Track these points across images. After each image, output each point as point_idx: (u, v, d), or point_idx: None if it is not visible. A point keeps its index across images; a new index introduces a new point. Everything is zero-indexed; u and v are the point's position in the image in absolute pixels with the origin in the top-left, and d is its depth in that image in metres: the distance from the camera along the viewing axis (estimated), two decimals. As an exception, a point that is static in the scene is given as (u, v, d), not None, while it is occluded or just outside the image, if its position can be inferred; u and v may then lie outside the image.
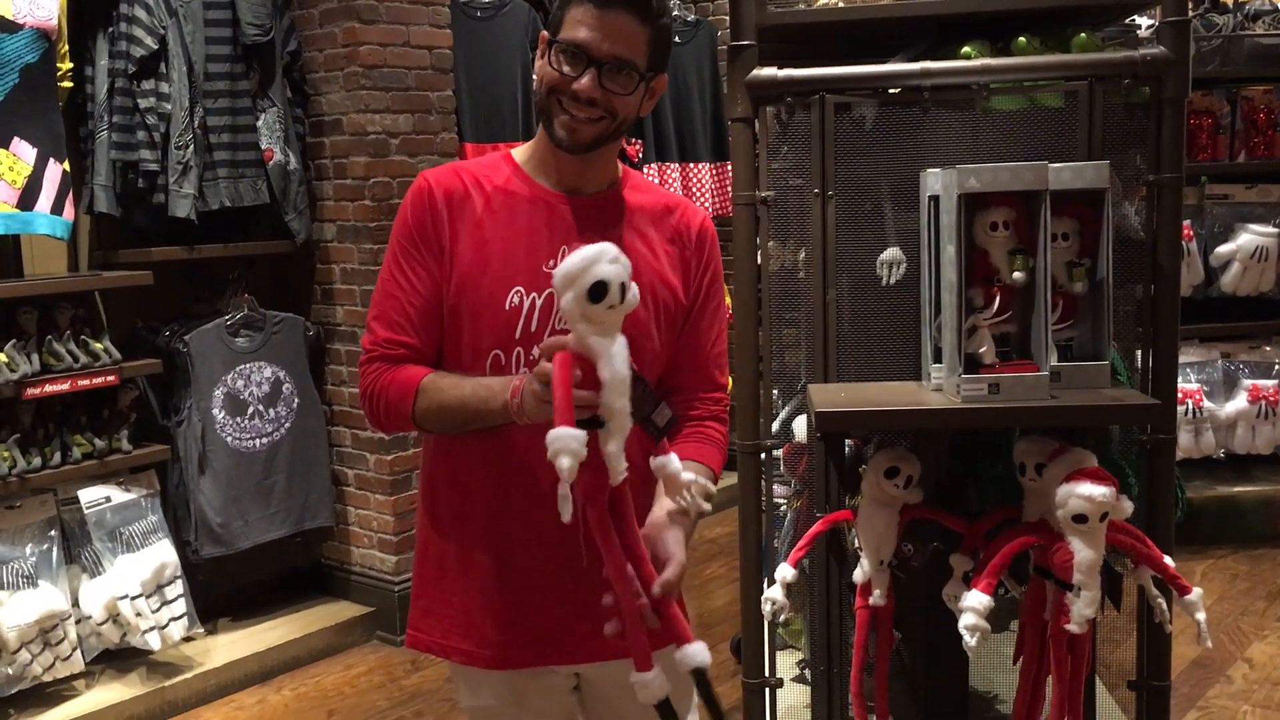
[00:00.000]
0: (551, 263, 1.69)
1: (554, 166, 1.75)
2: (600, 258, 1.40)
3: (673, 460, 1.49)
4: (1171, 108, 2.41)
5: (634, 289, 1.44)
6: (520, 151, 1.80)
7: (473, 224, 1.72)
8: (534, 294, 1.69)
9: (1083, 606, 2.14)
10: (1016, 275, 2.25)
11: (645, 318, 1.70)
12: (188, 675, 3.75)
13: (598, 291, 1.38)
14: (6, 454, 3.43)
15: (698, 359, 1.77)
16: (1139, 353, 2.57)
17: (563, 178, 1.75)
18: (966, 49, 2.58)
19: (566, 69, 1.63)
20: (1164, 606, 2.32)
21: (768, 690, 2.71)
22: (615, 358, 1.41)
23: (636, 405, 1.45)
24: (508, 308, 1.69)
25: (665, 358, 1.77)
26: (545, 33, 1.69)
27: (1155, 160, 2.44)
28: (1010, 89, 2.52)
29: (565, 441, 1.35)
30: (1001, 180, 2.19)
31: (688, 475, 1.50)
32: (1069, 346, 2.40)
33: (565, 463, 1.33)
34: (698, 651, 1.49)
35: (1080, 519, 2.10)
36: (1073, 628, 2.16)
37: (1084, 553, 2.13)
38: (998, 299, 2.27)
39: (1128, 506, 2.16)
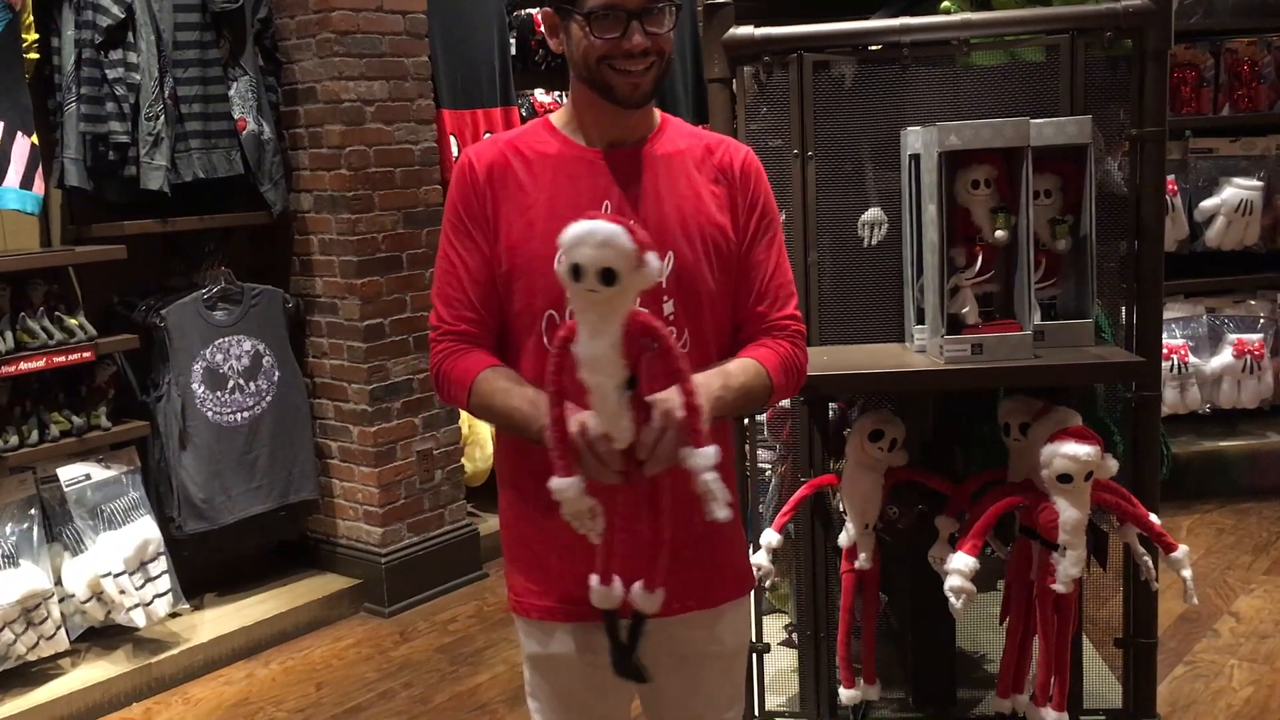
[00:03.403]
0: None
1: (592, 122, 1.74)
2: (587, 239, 1.39)
3: (694, 455, 1.47)
4: (1154, 60, 2.38)
5: (648, 266, 1.41)
6: (558, 115, 1.80)
7: (515, 191, 1.74)
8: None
9: (1068, 566, 2.14)
10: (999, 234, 2.23)
11: (695, 261, 1.71)
12: (174, 651, 3.74)
13: (575, 273, 1.40)
14: (-17, 433, 3.39)
15: (757, 287, 1.77)
16: (1123, 309, 2.55)
17: (603, 132, 1.74)
18: (946, 4, 2.55)
19: (610, 34, 1.63)
20: (1150, 564, 2.32)
21: (755, 655, 2.70)
22: (594, 336, 1.43)
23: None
24: (556, 267, 1.68)
25: (726, 297, 1.76)
26: (550, 10, 1.68)
27: (1138, 114, 2.41)
28: (991, 44, 2.49)
29: (559, 492, 1.50)
30: (982, 137, 2.17)
31: (705, 476, 1.47)
32: (1052, 305, 2.38)
33: (567, 511, 1.50)
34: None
35: (1065, 479, 2.10)
36: (1058, 587, 2.16)
37: (1069, 512, 2.12)
38: (980, 258, 2.25)
39: (1113, 465, 2.16)
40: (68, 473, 3.58)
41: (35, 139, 3.52)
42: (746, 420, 2.65)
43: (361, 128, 4.06)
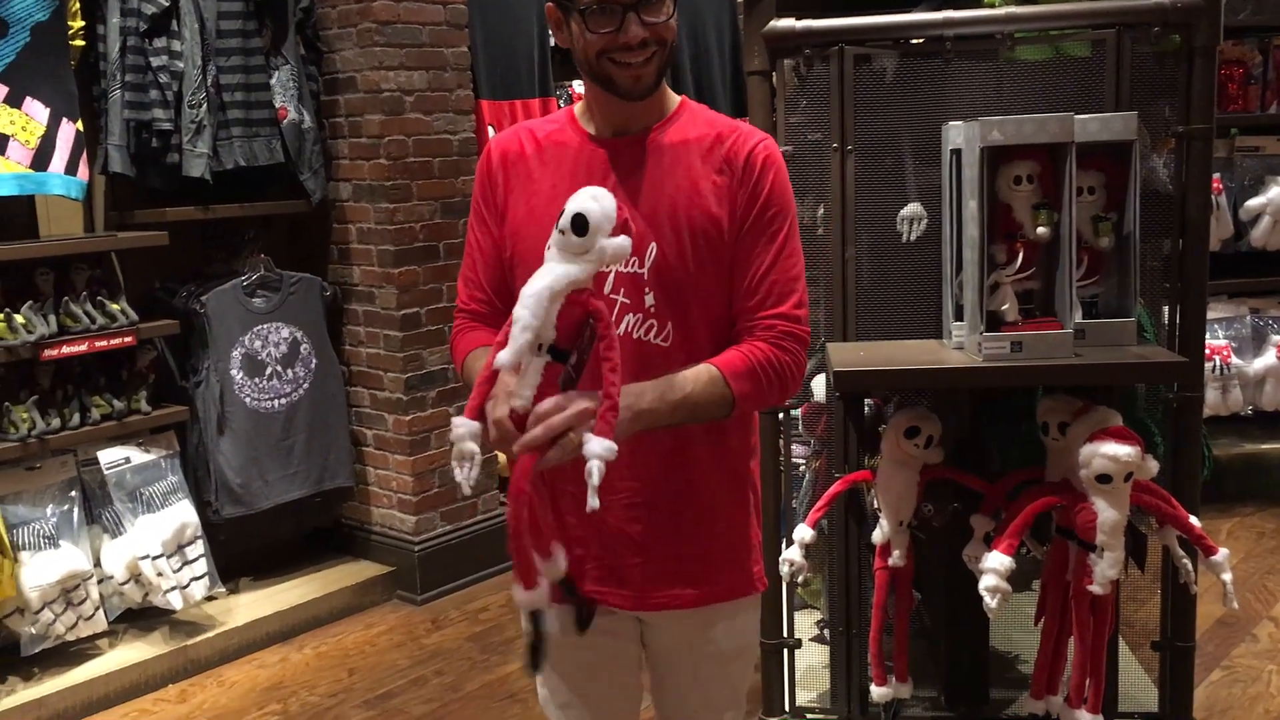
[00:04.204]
0: None
1: (599, 112, 1.74)
2: (585, 189, 1.48)
3: (589, 441, 1.45)
4: (1202, 56, 2.35)
5: (620, 241, 1.46)
6: (579, 104, 1.81)
7: (525, 179, 1.76)
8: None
9: (1106, 567, 2.12)
10: (1041, 230, 2.20)
11: (679, 253, 1.68)
12: (210, 634, 3.78)
13: (560, 218, 1.46)
14: (26, 415, 3.43)
15: (746, 282, 1.70)
16: (1165, 309, 2.52)
17: (610, 120, 1.74)
18: (990, -3, 2.52)
19: (605, 28, 1.61)
20: (1189, 567, 2.29)
21: (786, 650, 2.70)
22: (539, 274, 1.47)
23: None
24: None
25: (719, 292, 1.71)
26: (552, 5, 1.67)
27: (1185, 111, 2.38)
28: (1036, 38, 2.46)
29: (453, 425, 1.52)
30: (1026, 132, 2.14)
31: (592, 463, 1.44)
32: (1094, 303, 2.35)
33: (458, 448, 1.51)
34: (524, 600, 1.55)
35: (1104, 479, 2.07)
36: (1095, 589, 2.14)
37: (1108, 513, 2.10)
38: (1021, 255, 2.23)
39: (1153, 466, 2.13)
40: (108, 456, 3.63)
41: (80, 125, 3.56)
42: (780, 414, 2.64)
43: (401, 117, 4.07)
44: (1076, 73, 2.41)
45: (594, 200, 1.45)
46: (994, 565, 2.14)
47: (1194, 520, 2.23)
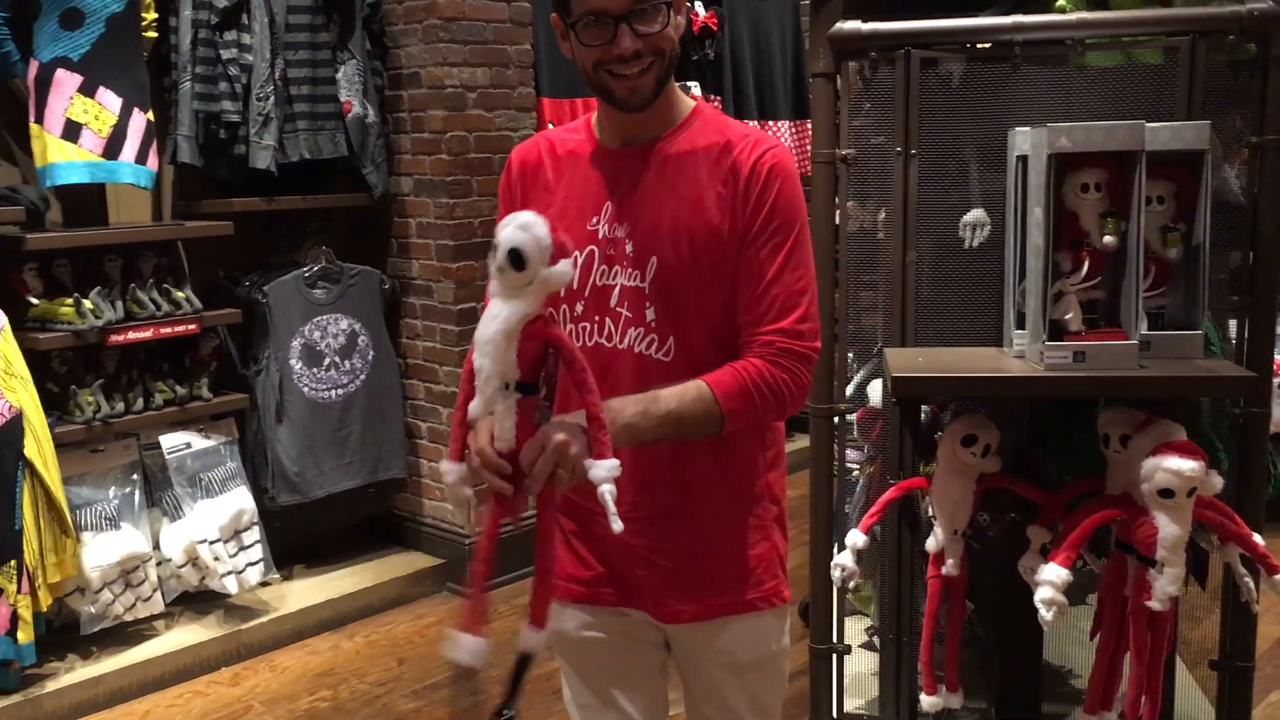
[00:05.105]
0: (595, 219, 1.70)
1: (607, 122, 1.74)
2: (512, 220, 1.44)
3: (593, 466, 1.45)
4: (1278, 66, 2.30)
5: (559, 267, 1.43)
6: (595, 113, 1.79)
7: (541, 189, 1.76)
8: (575, 252, 1.68)
9: (1166, 583, 2.08)
10: (1108, 239, 2.17)
11: (679, 266, 1.65)
12: (263, 619, 3.84)
13: (494, 252, 1.44)
14: (91, 399, 3.51)
15: (747, 296, 1.66)
16: (1232, 322, 2.47)
17: (617, 130, 1.72)
18: (1061, 2, 2.49)
19: (598, 40, 1.59)
20: (1251, 585, 2.25)
21: (835, 656, 2.68)
22: (489, 319, 1.45)
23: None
24: None
25: (724, 305, 1.67)
26: (555, 16, 1.65)
27: (1259, 121, 2.33)
28: (1107, 44, 2.43)
29: (442, 473, 1.59)
30: (1095, 140, 2.11)
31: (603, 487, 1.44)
32: (1160, 314, 2.32)
33: (447, 495, 1.57)
34: (525, 638, 1.56)
35: (1167, 494, 2.04)
36: (1155, 605, 2.10)
37: (1169, 528, 2.06)
38: (1086, 264, 2.20)
39: (1217, 482, 2.09)
40: (169, 440, 3.70)
41: (151, 115, 3.63)
42: (836, 419, 2.63)
43: (463, 113, 4.10)
44: (1148, 80, 2.37)
45: (523, 230, 1.42)
46: (1050, 578, 2.11)
47: (1257, 538, 2.19)
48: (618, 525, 1.41)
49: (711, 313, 1.66)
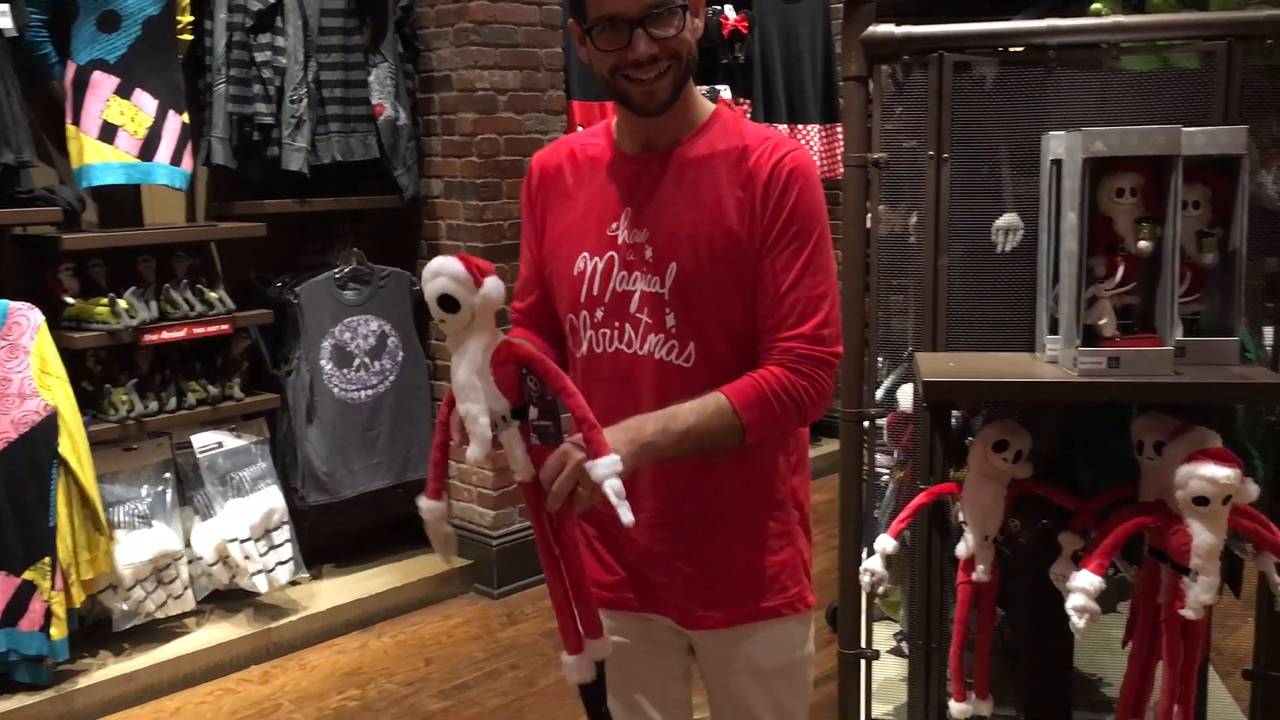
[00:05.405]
0: (614, 225, 1.69)
1: (626, 127, 1.73)
2: (426, 274, 1.43)
3: (594, 466, 1.45)
4: (1317, 70, 2.28)
5: (487, 289, 1.41)
6: (616, 118, 1.79)
7: (563, 195, 1.77)
8: (595, 258, 1.70)
9: (1200, 592, 2.06)
10: (1143, 244, 2.15)
11: (698, 272, 1.64)
12: (292, 618, 3.86)
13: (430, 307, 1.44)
14: (125, 398, 3.54)
15: (766, 302, 1.65)
16: (1267, 329, 2.45)
17: (636, 135, 1.72)
18: (1096, 5, 2.47)
19: (614, 45, 1.59)
20: (1287, 595, 2.22)
21: (863, 661, 2.67)
22: (455, 367, 1.45)
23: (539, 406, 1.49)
24: (575, 273, 1.72)
25: (739, 308, 1.66)
26: (572, 21, 1.65)
27: (1297, 126, 2.31)
28: (1142, 48, 2.41)
29: (422, 511, 1.60)
30: (1130, 144, 2.09)
31: (608, 484, 1.44)
32: (1195, 320, 2.29)
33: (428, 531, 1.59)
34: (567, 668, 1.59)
35: (1201, 501, 2.02)
36: (1188, 613, 2.08)
37: (1203, 536, 2.04)
38: (1121, 269, 2.18)
39: (1253, 490, 2.07)
40: (201, 440, 3.73)
41: (186, 118, 3.66)
42: (866, 423, 2.62)
43: (493, 116, 4.12)
44: (1184, 84, 2.35)
45: (439, 275, 1.41)
46: (1083, 585, 2.09)
47: (1293, 547, 2.16)
48: (628, 517, 1.41)
49: (732, 318, 1.66)
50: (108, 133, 3.50)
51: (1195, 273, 2.26)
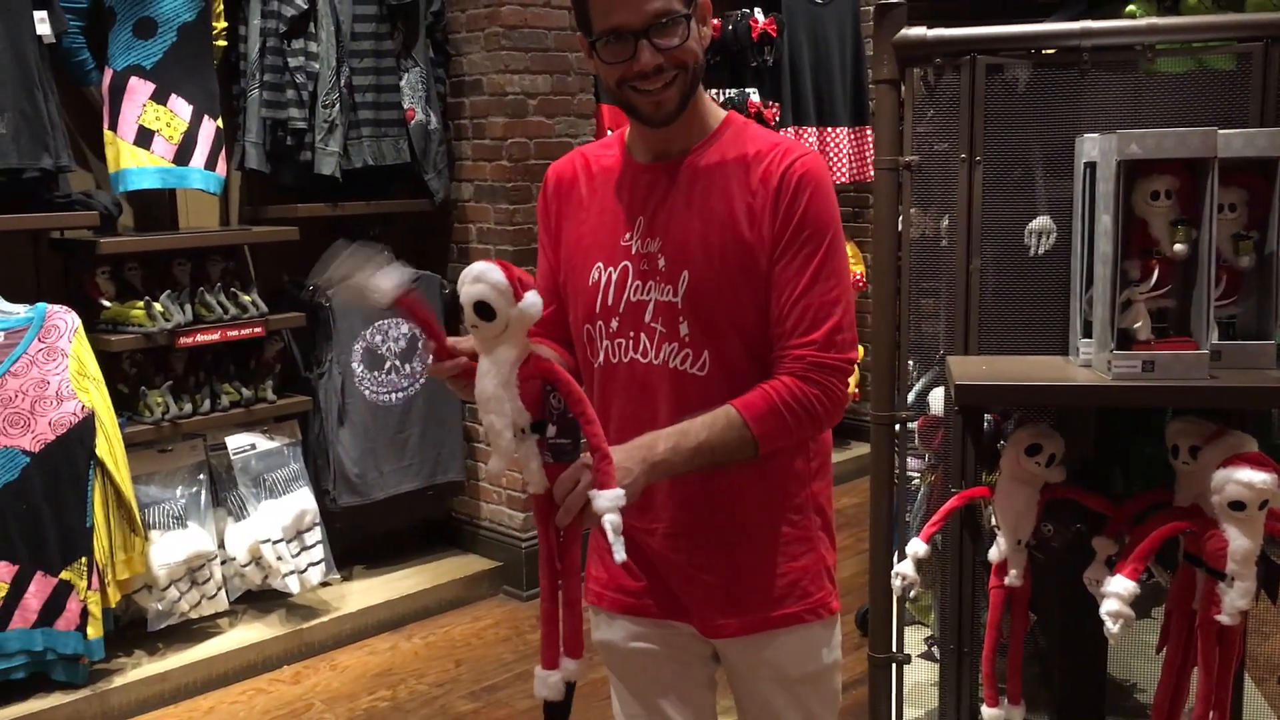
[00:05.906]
0: (628, 235, 1.70)
1: (637, 137, 1.74)
2: (465, 277, 1.43)
3: (597, 497, 1.44)
4: (1355, 71, 2.25)
5: (527, 302, 1.41)
6: (628, 127, 1.79)
7: (577, 206, 1.77)
8: (610, 269, 1.71)
9: (1236, 597, 2.04)
10: (1178, 247, 2.13)
11: (712, 280, 1.64)
12: (324, 619, 3.89)
13: (462, 312, 1.44)
14: (160, 400, 3.58)
15: (779, 309, 1.65)
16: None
17: (648, 145, 1.72)
18: (1131, 7, 2.46)
19: (619, 57, 1.59)
20: (1324, 601, 2.20)
21: (894, 665, 2.67)
22: (482, 376, 1.45)
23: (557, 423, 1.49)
24: (589, 284, 1.73)
25: (752, 316, 1.66)
26: (580, 35, 1.66)
27: (1334, 128, 2.28)
28: (1178, 50, 2.39)
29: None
30: (1165, 147, 2.07)
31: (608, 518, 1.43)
32: (1231, 324, 2.28)
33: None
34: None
35: (1238, 506, 2.00)
36: (1224, 619, 2.06)
37: (1239, 541, 2.02)
38: (1156, 272, 2.16)
39: (1290, 495, 2.04)
40: (235, 441, 3.76)
41: (220, 123, 3.70)
42: (896, 427, 2.61)
43: (524, 120, 4.14)
44: (1219, 86, 2.33)
45: (480, 281, 1.41)
46: (1118, 590, 2.08)
47: (1332, 553, 2.14)
48: (620, 555, 1.41)
49: (745, 326, 1.66)
50: (144, 138, 3.54)
51: (1231, 276, 2.24)
